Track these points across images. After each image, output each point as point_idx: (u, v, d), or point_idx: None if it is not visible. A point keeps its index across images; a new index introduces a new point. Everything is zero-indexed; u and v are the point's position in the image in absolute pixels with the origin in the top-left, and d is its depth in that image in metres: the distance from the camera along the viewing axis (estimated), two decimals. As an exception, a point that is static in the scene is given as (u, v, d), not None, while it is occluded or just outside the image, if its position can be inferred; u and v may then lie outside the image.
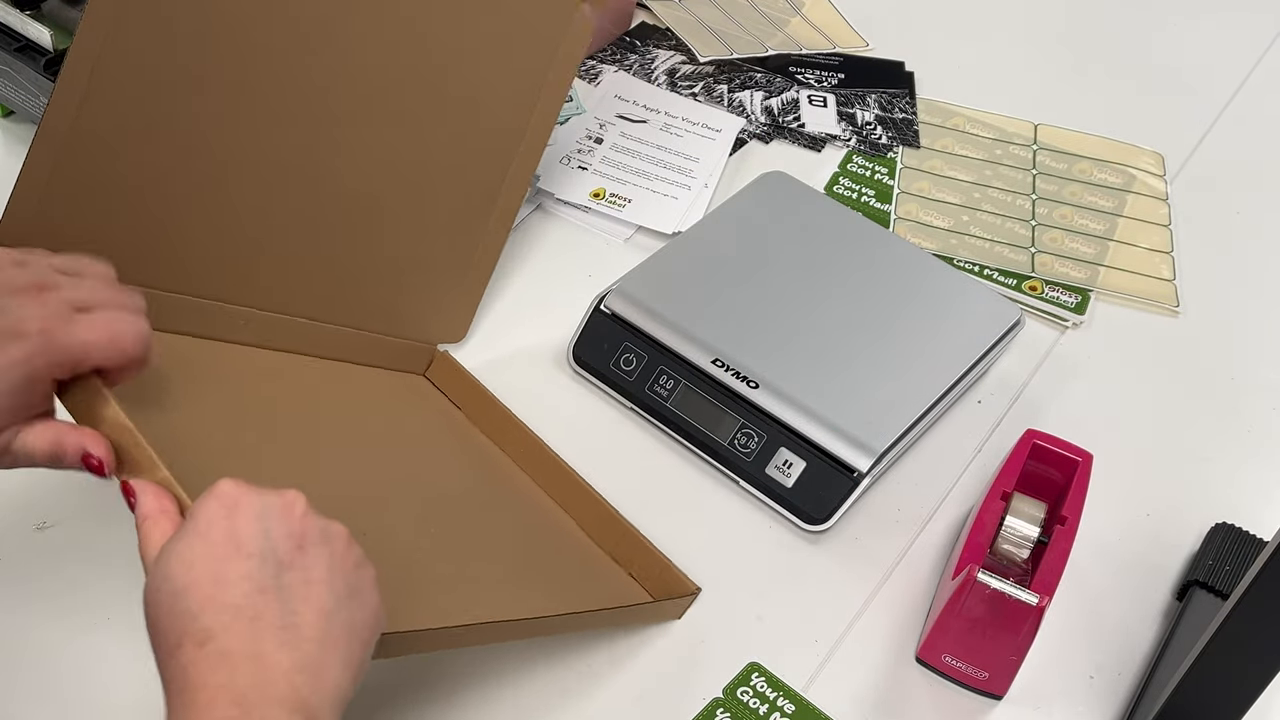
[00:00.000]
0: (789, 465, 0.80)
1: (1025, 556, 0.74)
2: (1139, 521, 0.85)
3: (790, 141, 1.08)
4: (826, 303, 0.87)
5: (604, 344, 0.86)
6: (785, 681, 0.73)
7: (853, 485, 0.79)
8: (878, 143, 1.08)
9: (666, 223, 0.98)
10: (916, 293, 0.90)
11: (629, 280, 0.87)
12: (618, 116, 1.07)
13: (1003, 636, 0.70)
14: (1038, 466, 0.77)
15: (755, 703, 0.72)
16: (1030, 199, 1.06)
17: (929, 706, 0.74)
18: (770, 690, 0.73)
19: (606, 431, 0.85)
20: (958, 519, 0.83)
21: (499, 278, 0.93)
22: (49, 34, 0.85)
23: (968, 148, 1.09)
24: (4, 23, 0.87)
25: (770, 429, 0.81)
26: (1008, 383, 0.92)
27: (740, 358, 0.83)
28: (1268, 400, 0.93)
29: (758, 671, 0.74)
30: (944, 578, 0.78)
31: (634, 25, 1.17)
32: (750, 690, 0.73)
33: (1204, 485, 0.87)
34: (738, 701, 0.72)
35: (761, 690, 0.73)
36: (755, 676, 0.73)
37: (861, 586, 0.79)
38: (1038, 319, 0.96)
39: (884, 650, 0.76)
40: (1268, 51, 1.24)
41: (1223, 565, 0.79)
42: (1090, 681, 0.76)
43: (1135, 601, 0.80)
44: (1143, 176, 1.09)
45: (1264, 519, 0.83)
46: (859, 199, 1.03)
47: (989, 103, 1.14)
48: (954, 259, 0.99)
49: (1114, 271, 1.00)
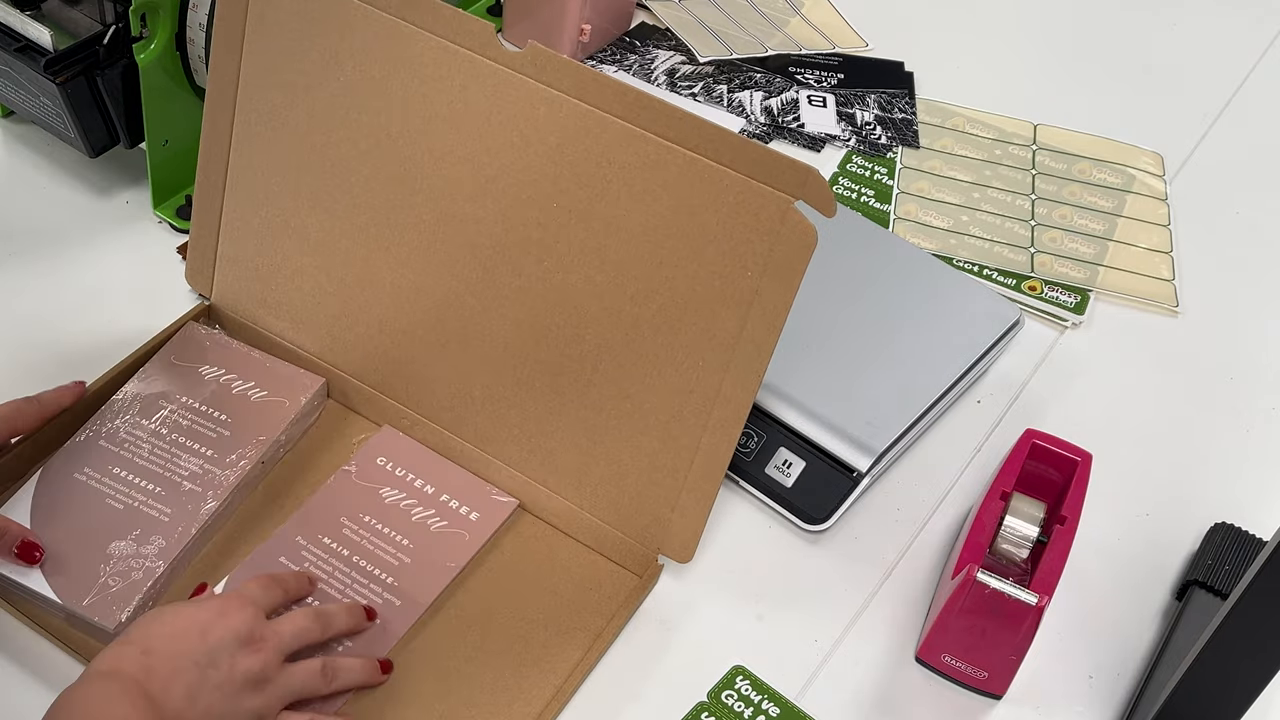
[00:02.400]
0: (788, 465, 0.80)
1: (1025, 556, 0.74)
2: (1138, 521, 0.85)
3: (790, 142, 1.08)
4: (826, 303, 0.87)
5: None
6: (770, 684, 0.73)
7: (852, 485, 0.79)
8: (877, 143, 1.08)
9: (666, 223, 0.98)
10: (916, 293, 0.90)
11: (629, 280, 0.87)
12: (617, 117, 1.07)
13: (1002, 636, 0.70)
14: (1037, 466, 0.77)
15: (740, 706, 0.72)
16: (1030, 199, 1.06)
17: (928, 706, 0.74)
18: (755, 694, 0.73)
19: (606, 431, 0.85)
20: (957, 519, 0.83)
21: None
22: (49, 34, 0.85)
23: (967, 148, 1.09)
24: (4, 23, 0.87)
25: (770, 429, 0.81)
26: (1007, 383, 0.92)
27: (740, 358, 0.83)
28: (1268, 400, 0.93)
29: (742, 675, 0.74)
30: (943, 577, 0.78)
31: (634, 25, 1.17)
32: (735, 694, 0.73)
33: (1203, 485, 0.87)
34: (721, 705, 0.72)
35: (746, 694, 0.73)
36: (740, 680, 0.73)
37: (861, 586, 0.79)
38: (1037, 319, 0.96)
39: (883, 650, 0.76)
40: (1267, 51, 1.24)
41: (1222, 565, 0.79)
42: (1090, 681, 0.76)
43: (1134, 601, 0.80)
44: (1142, 176, 1.09)
45: (1263, 519, 0.83)
46: (858, 199, 1.03)
47: (988, 103, 1.14)
48: (953, 259, 0.99)
49: (1113, 271, 1.00)
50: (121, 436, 0.78)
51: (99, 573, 0.72)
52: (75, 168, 0.96)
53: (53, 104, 0.87)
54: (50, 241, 0.91)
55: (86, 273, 0.90)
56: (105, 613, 0.70)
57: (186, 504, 0.75)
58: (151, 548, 0.73)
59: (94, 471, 0.76)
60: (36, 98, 0.88)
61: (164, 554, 0.73)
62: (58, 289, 0.88)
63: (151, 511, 0.75)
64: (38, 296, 0.88)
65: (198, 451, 0.78)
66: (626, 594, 0.76)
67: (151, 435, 0.78)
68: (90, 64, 0.86)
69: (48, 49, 0.86)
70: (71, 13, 0.89)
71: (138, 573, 0.72)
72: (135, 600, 0.70)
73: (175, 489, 0.76)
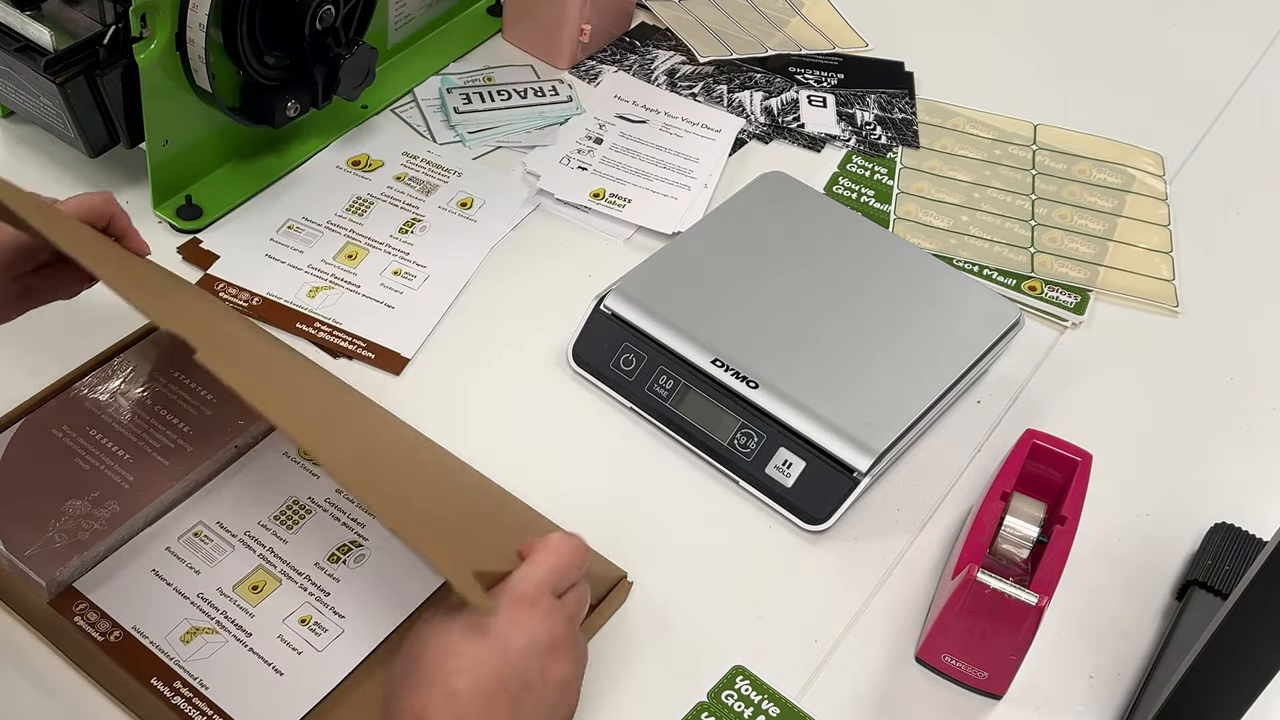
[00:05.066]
0: (789, 465, 0.80)
1: (1025, 556, 0.74)
2: (1138, 521, 0.85)
3: (790, 142, 1.08)
4: (826, 303, 0.87)
5: (604, 344, 0.86)
6: (770, 684, 0.73)
7: (852, 485, 0.79)
8: (877, 143, 1.08)
9: (666, 223, 0.98)
10: (916, 293, 0.90)
11: (629, 280, 0.87)
12: (617, 117, 1.07)
13: (1002, 636, 0.70)
14: (1037, 466, 0.77)
15: (740, 706, 0.72)
16: (1030, 199, 1.06)
17: (928, 706, 0.74)
18: (755, 694, 0.73)
19: (606, 431, 0.85)
20: (957, 519, 0.83)
21: (498, 278, 0.93)
22: (49, 34, 0.85)
23: (967, 148, 1.09)
24: (4, 23, 0.87)
25: (770, 429, 0.81)
26: (1007, 383, 0.92)
27: (740, 357, 0.83)
28: (1268, 400, 0.93)
29: (743, 675, 0.73)
30: (943, 577, 0.78)
31: (634, 25, 1.17)
32: (735, 694, 0.73)
33: (1203, 485, 0.87)
34: (722, 705, 0.72)
35: (746, 694, 0.73)
36: (740, 680, 0.73)
37: (861, 586, 0.79)
38: (1037, 319, 0.96)
39: (883, 650, 0.76)
40: (1267, 51, 1.24)
41: (1222, 565, 0.79)
42: (1089, 681, 0.76)
43: (1135, 601, 0.80)
44: (1142, 176, 1.09)
45: (1264, 519, 0.83)
46: (858, 199, 1.03)
47: (988, 103, 1.14)
48: (953, 259, 0.99)
49: (1113, 271, 1.00)
50: (105, 401, 0.79)
51: (48, 527, 0.72)
52: (75, 168, 0.96)
53: (53, 104, 0.87)
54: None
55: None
56: (43, 568, 0.70)
57: (151, 475, 0.75)
58: (105, 511, 0.73)
59: (71, 430, 0.77)
60: (36, 98, 0.88)
61: (114, 520, 0.73)
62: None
63: (115, 477, 0.75)
64: (38, 296, 0.88)
65: (175, 426, 0.78)
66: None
67: (135, 404, 0.79)
68: (90, 64, 0.86)
69: (48, 49, 0.86)
70: (71, 13, 0.89)
71: (84, 534, 0.72)
72: (74, 561, 0.71)
73: (145, 459, 0.76)
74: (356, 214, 0.96)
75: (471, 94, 1.06)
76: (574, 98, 1.08)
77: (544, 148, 1.03)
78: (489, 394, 0.86)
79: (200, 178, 0.96)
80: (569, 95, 1.08)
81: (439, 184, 0.99)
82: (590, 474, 0.82)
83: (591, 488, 0.82)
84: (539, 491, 0.79)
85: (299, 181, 0.98)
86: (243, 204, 0.95)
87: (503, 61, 1.11)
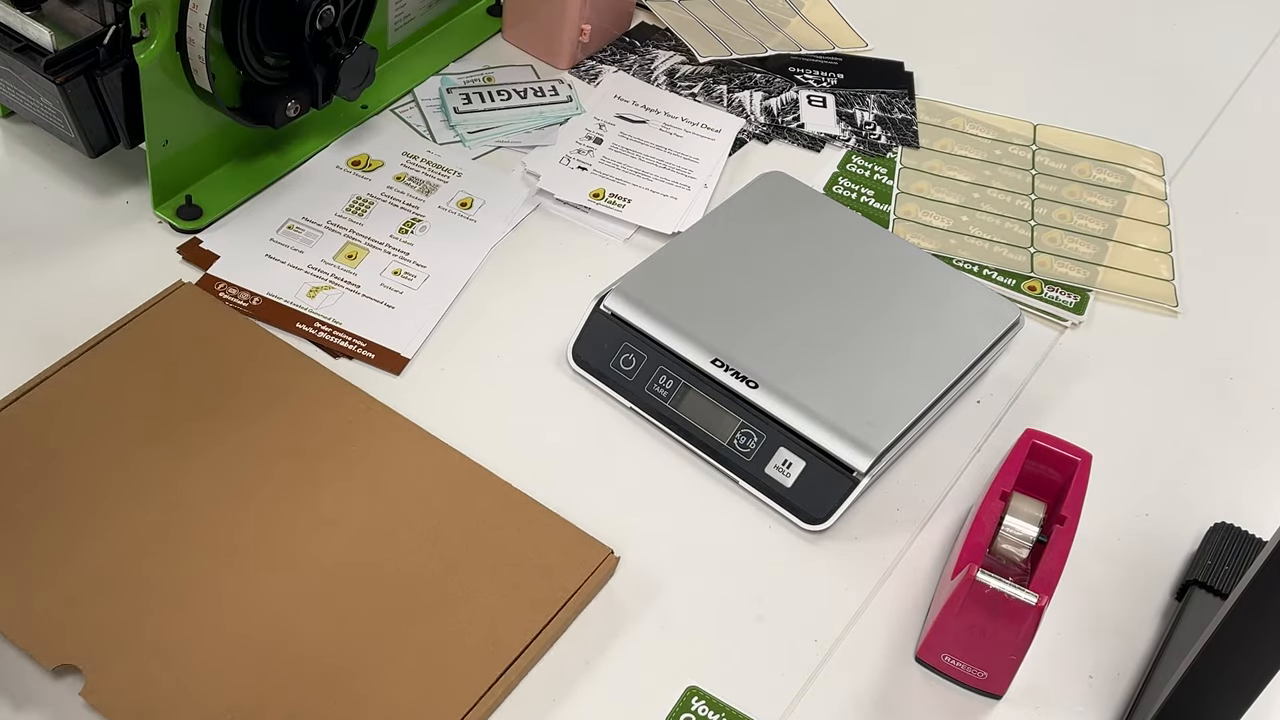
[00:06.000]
0: (788, 465, 0.81)
1: (1024, 556, 0.74)
2: (1138, 521, 0.85)
3: (789, 142, 1.08)
4: (826, 303, 0.87)
5: (604, 344, 0.86)
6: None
7: (852, 485, 0.79)
8: (877, 143, 1.09)
9: (666, 223, 0.98)
10: (916, 293, 0.90)
11: (628, 280, 0.87)
12: (617, 117, 1.07)
13: (1002, 636, 0.70)
14: (1037, 466, 0.77)
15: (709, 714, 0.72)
16: (1029, 199, 1.06)
17: (928, 706, 0.74)
18: (713, 713, 0.72)
19: (606, 431, 0.85)
20: (957, 519, 0.83)
21: (498, 278, 0.93)
22: (49, 34, 0.85)
23: (967, 148, 1.10)
24: (4, 23, 0.87)
25: (770, 429, 0.81)
26: (1007, 383, 0.92)
27: (740, 358, 0.83)
28: (1267, 400, 0.93)
29: (698, 695, 0.73)
30: (943, 577, 0.78)
31: (633, 25, 1.17)
32: (693, 717, 0.72)
33: (1203, 485, 0.87)
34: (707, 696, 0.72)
35: (704, 715, 0.72)
36: (696, 700, 0.73)
37: (861, 586, 0.79)
38: (1037, 319, 0.96)
39: (883, 650, 0.76)
40: (1267, 51, 1.24)
41: (1222, 565, 0.79)
42: (1089, 681, 0.76)
43: (1134, 601, 0.80)
44: (1142, 176, 1.09)
45: (1263, 519, 0.83)
46: (858, 199, 1.03)
47: (988, 103, 1.14)
48: (953, 259, 0.99)
49: (1113, 271, 1.00)
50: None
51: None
52: (75, 168, 0.96)
53: (53, 104, 0.87)
54: (50, 241, 0.91)
55: (86, 273, 0.90)
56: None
57: None
58: None
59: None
60: (36, 98, 0.88)
61: None
62: (57, 289, 0.89)
63: None
64: (37, 297, 0.88)
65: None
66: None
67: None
68: (90, 64, 0.86)
69: (48, 49, 0.86)
70: (71, 13, 0.89)
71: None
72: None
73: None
74: (356, 214, 0.96)
75: (471, 94, 1.06)
76: (574, 98, 1.08)
77: (544, 148, 1.03)
78: (489, 394, 0.86)
79: (200, 178, 0.96)
80: (569, 95, 1.08)
81: (439, 184, 0.99)
82: (590, 474, 0.82)
83: (591, 488, 0.82)
84: (539, 491, 0.79)
85: (299, 181, 0.98)
86: (243, 204, 0.95)
87: (502, 61, 1.11)
